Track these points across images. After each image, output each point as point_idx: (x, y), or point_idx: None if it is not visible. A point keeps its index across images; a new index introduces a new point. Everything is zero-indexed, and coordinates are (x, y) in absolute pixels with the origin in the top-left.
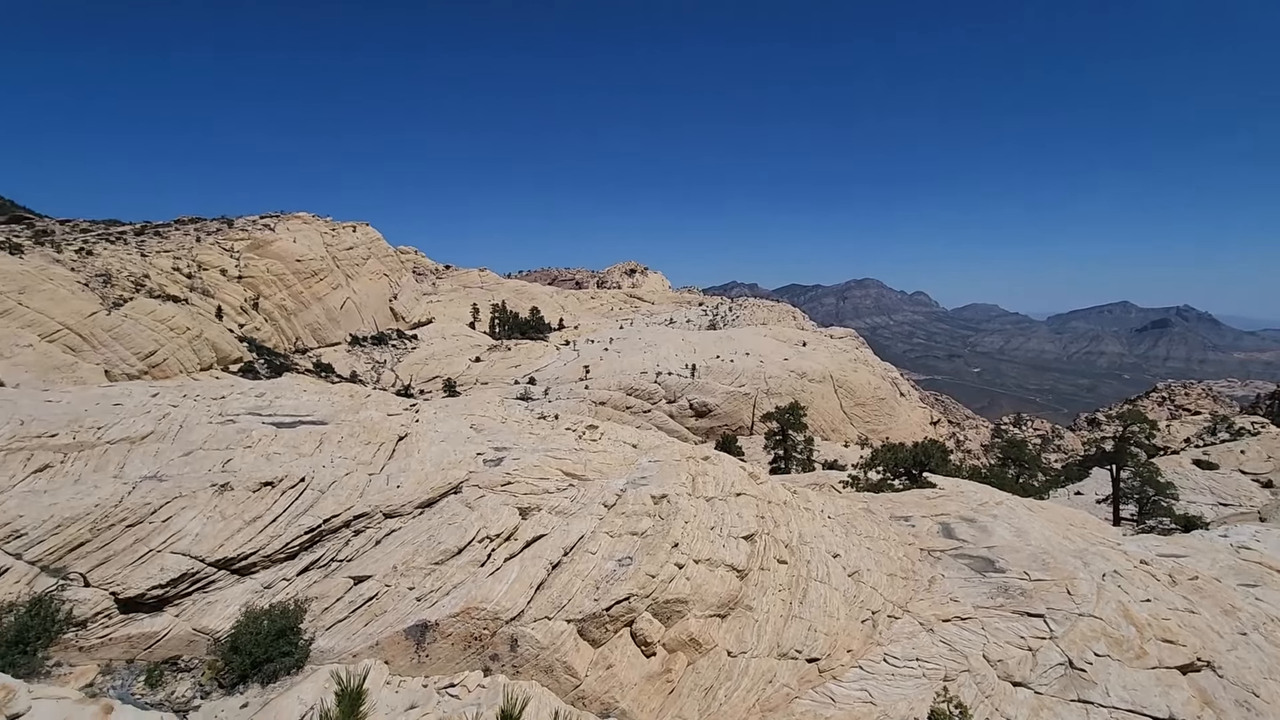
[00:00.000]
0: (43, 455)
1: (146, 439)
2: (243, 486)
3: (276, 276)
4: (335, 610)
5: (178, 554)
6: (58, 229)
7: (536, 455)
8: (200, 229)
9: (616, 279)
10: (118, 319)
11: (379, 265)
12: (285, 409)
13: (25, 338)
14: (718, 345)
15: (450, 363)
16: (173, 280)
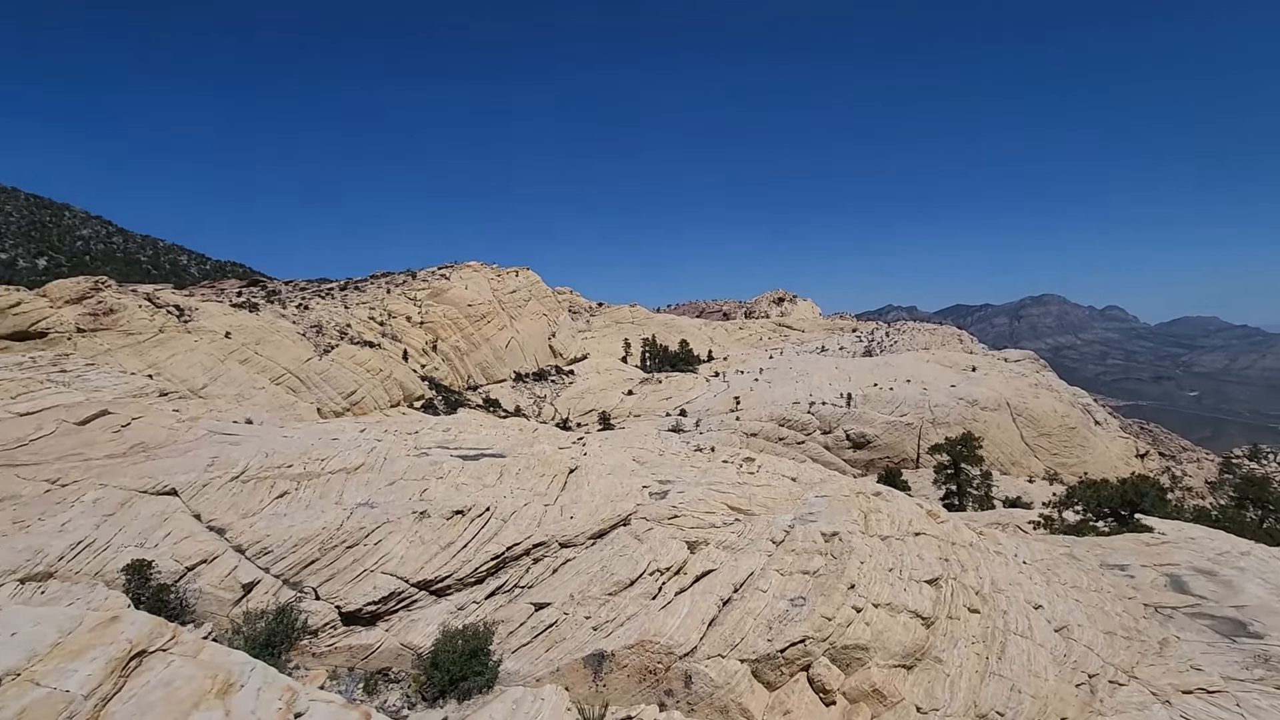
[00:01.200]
0: (282, 483)
1: (359, 470)
2: (438, 514)
3: (451, 321)
4: (519, 635)
5: (387, 574)
6: (283, 289)
7: (700, 489)
8: (390, 281)
9: (764, 308)
10: (327, 363)
11: (539, 306)
12: (468, 443)
13: (260, 381)
14: (875, 373)
15: (604, 396)
16: (369, 328)
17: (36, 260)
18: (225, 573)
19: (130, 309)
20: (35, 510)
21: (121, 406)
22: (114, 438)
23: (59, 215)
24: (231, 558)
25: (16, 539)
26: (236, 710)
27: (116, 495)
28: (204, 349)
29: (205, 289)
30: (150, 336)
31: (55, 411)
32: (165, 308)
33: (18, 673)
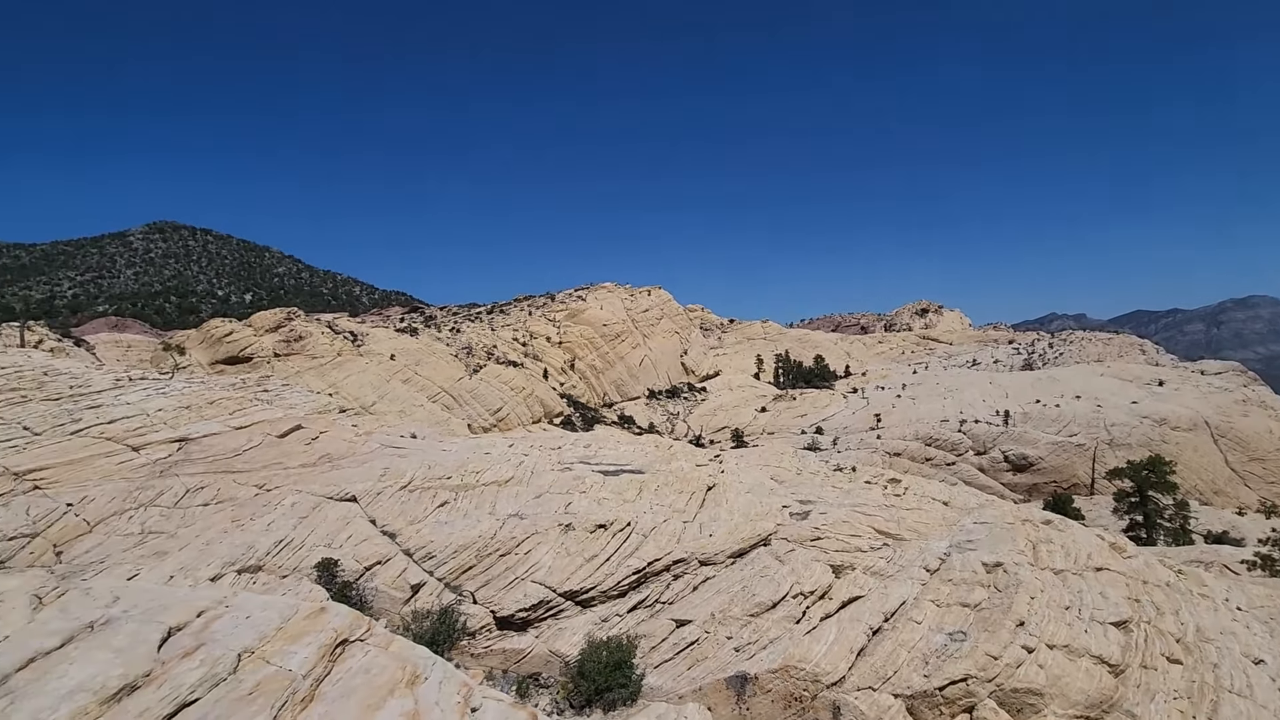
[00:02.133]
0: (443, 493)
1: (509, 482)
2: (582, 527)
3: (588, 340)
4: (661, 650)
5: (536, 583)
6: (438, 314)
7: (843, 510)
8: (531, 304)
9: (906, 320)
10: (476, 382)
11: (671, 324)
12: (608, 458)
13: (419, 399)
14: (1037, 388)
15: (737, 413)
16: (512, 348)
17: (245, 295)
18: (396, 574)
19: (315, 335)
20: (248, 511)
21: (311, 422)
22: (306, 449)
23: (261, 256)
24: (401, 560)
25: (235, 535)
26: (423, 700)
27: (309, 500)
28: (373, 370)
29: (374, 316)
30: (330, 360)
31: (261, 426)
32: (342, 334)
33: (253, 651)
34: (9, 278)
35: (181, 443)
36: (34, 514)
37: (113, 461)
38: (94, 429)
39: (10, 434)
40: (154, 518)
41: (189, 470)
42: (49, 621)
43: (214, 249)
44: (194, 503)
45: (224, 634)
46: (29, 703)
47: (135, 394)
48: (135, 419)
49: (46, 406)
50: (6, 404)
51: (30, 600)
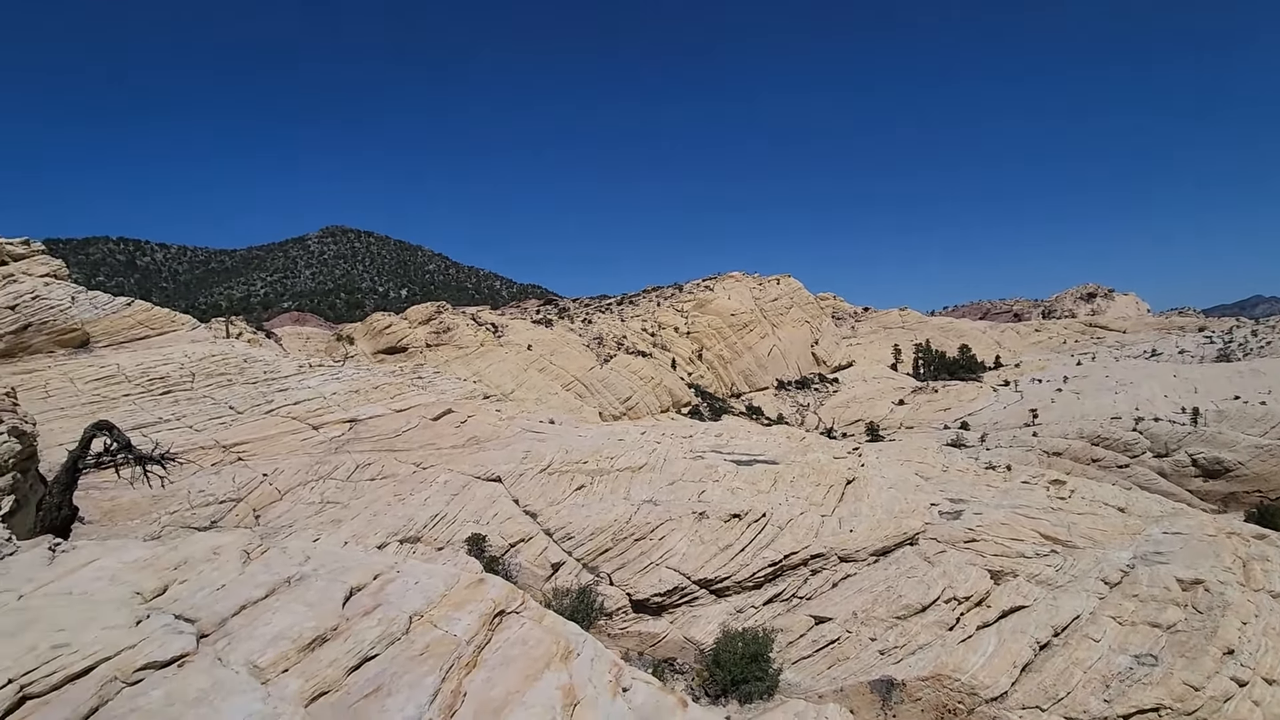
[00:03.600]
0: (580, 477)
1: (643, 469)
2: (715, 516)
3: (715, 330)
4: (799, 646)
5: (671, 569)
6: (571, 305)
7: (1001, 512)
8: (659, 295)
9: (1069, 306)
10: (606, 371)
11: (800, 313)
12: (740, 448)
13: (554, 387)
14: (1236, 382)
15: (872, 406)
16: (641, 338)
17: (401, 291)
18: (538, 552)
19: (461, 327)
20: (407, 487)
21: (460, 407)
22: (456, 432)
23: (414, 254)
24: (542, 540)
25: (397, 509)
26: (577, 675)
27: (459, 479)
28: (512, 359)
29: (512, 308)
30: (474, 349)
31: (418, 410)
32: (485, 325)
33: (421, 614)
34: (216, 280)
35: (352, 423)
36: (238, 481)
37: (298, 438)
38: (282, 409)
39: (220, 412)
40: (331, 489)
41: (358, 448)
42: (256, 575)
43: (375, 249)
44: (363, 477)
45: (396, 597)
46: (242, 645)
47: (314, 379)
48: (314, 401)
49: (246, 389)
50: (217, 386)
51: (241, 555)
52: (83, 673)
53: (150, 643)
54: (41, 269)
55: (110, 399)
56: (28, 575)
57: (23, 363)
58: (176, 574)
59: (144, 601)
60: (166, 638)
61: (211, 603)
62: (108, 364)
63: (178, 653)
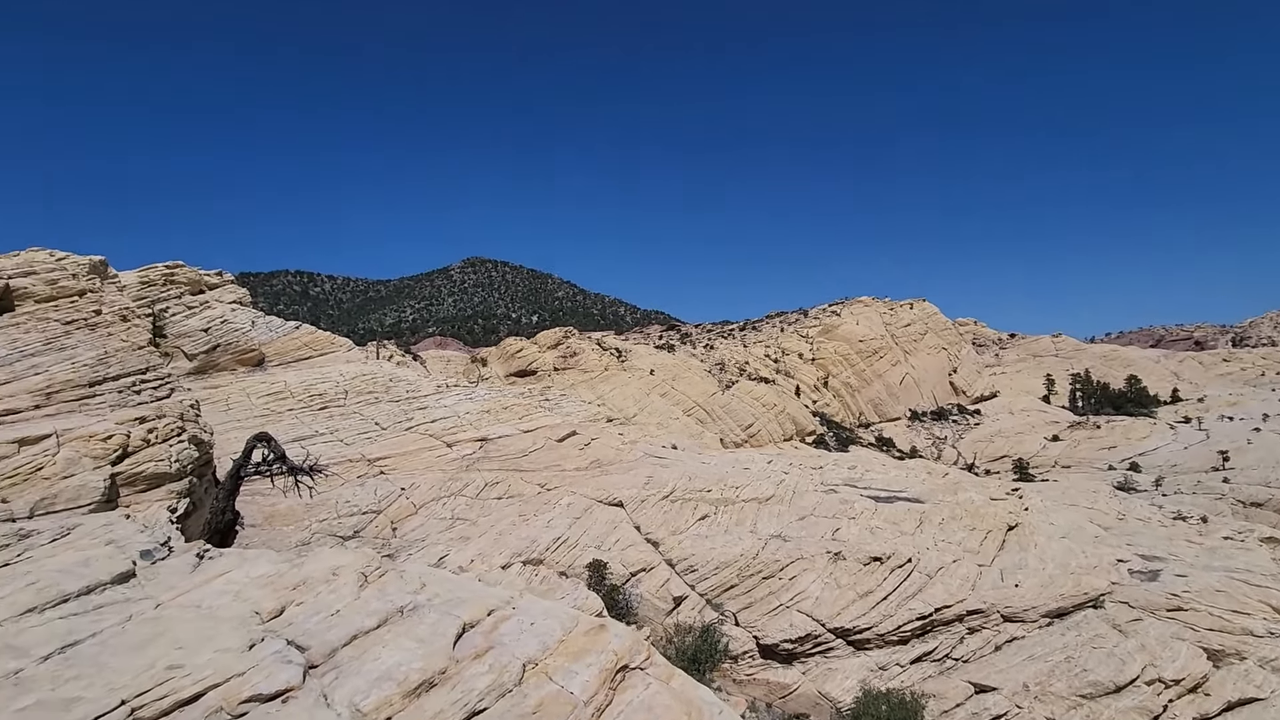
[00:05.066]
0: (703, 506)
1: (769, 501)
2: (853, 557)
3: (842, 357)
4: (956, 717)
5: (803, 614)
6: (693, 331)
7: (1214, 576)
8: (783, 320)
9: (1267, 333)
10: (728, 397)
11: (936, 339)
12: (876, 483)
13: (675, 412)
14: None
15: (1020, 441)
16: (764, 365)
17: (532, 317)
18: (660, 583)
19: (586, 352)
20: (532, 507)
21: (584, 429)
22: (579, 454)
23: (545, 282)
24: (664, 570)
25: (521, 529)
26: None
27: (581, 502)
28: (634, 384)
29: (635, 334)
30: (599, 373)
31: (544, 431)
32: (609, 350)
33: (536, 662)
34: (373, 307)
35: (482, 442)
36: (379, 494)
37: (433, 455)
38: (421, 426)
39: (367, 427)
40: (461, 506)
41: (487, 466)
42: (370, 601)
43: (510, 278)
44: (490, 495)
45: (510, 639)
46: (348, 682)
47: (451, 399)
48: (450, 420)
49: (391, 406)
50: (366, 403)
51: (358, 578)
52: (191, 699)
53: (259, 671)
54: (230, 297)
55: (277, 412)
56: (170, 582)
57: (211, 378)
58: (295, 594)
59: (261, 622)
60: (275, 667)
61: (324, 630)
62: (277, 381)
63: (283, 686)
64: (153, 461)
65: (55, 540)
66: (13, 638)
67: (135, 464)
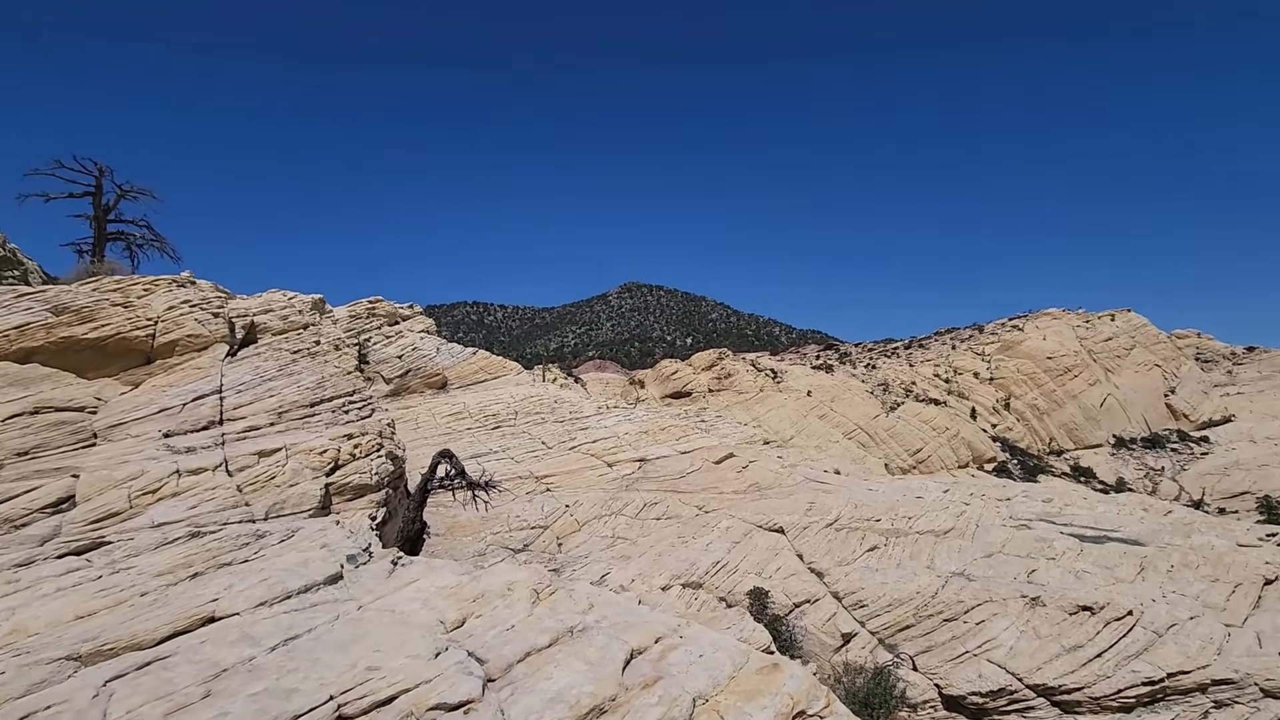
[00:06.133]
0: (871, 536)
1: (948, 534)
2: (1055, 604)
3: (1026, 376)
4: None
5: (994, 664)
6: (852, 350)
7: None
8: (954, 337)
9: None
10: (893, 420)
11: (1146, 355)
12: (1080, 519)
13: (834, 435)
14: None
15: (1268, 475)
16: (933, 385)
17: (686, 339)
18: (825, 617)
19: (741, 373)
20: (690, 529)
21: (741, 451)
22: (737, 477)
23: (698, 304)
24: (830, 604)
25: (680, 550)
26: None
27: (740, 526)
28: (791, 405)
29: (791, 354)
30: (753, 395)
31: (701, 452)
32: (764, 371)
33: (706, 698)
34: (539, 333)
35: (641, 462)
36: (546, 510)
37: (595, 474)
38: (583, 446)
39: (534, 446)
40: (621, 525)
41: (646, 486)
42: (542, 619)
43: (665, 302)
44: (649, 515)
45: (679, 670)
46: (523, 699)
47: (610, 420)
48: (610, 440)
49: (556, 427)
50: (533, 423)
51: (531, 594)
52: (386, 701)
53: (444, 680)
54: (419, 326)
55: (457, 431)
56: (370, 586)
57: (403, 399)
58: (474, 606)
59: (445, 632)
60: (458, 677)
61: (500, 644)
62: (458, 402)
63: (465, 697)
64: (358, 474)
65: (283, 541)
66: (249, 627)
67: (344, 475)
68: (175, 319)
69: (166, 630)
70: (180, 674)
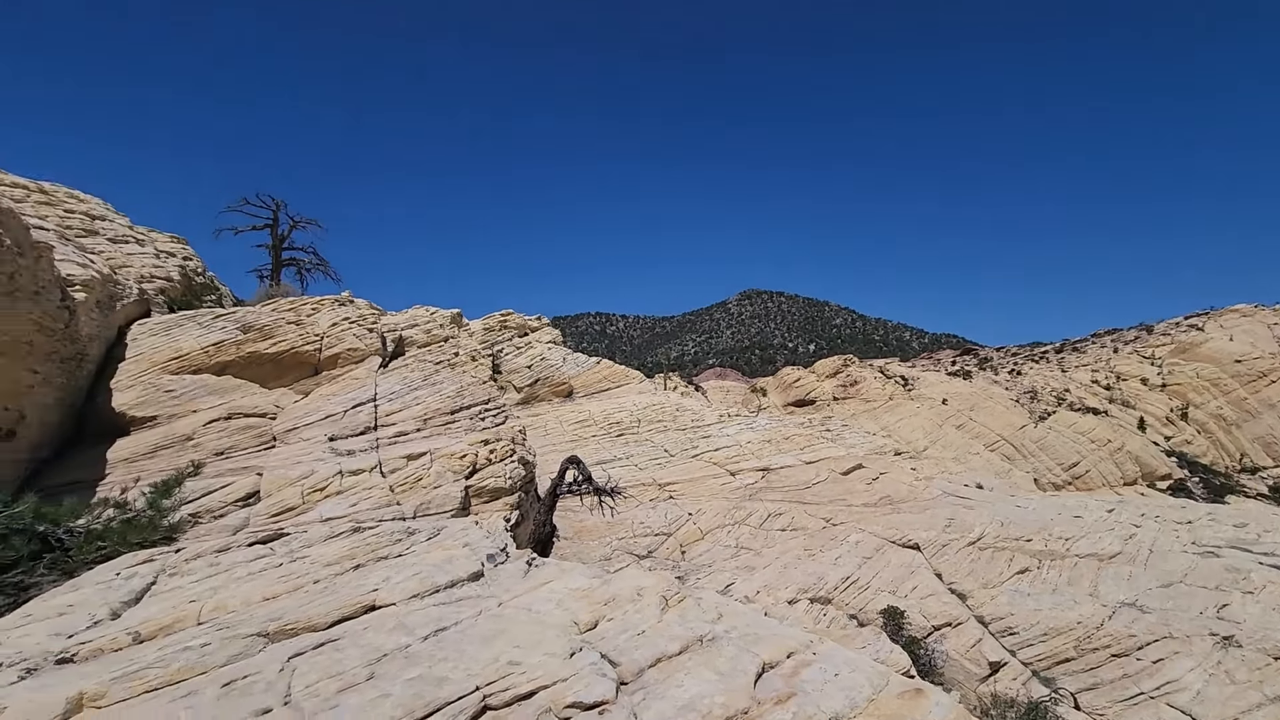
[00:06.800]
0: (1021, 558)
1: (1114, 559)
2: (1254, 646)
3: (1209, 381)
4: None
5: (1177, 709)
6: (994, 355)
7: None
8: (1117, 339)
9: None
10: (1043, 431)
11: None
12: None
13: (974, 447)
14: None
15: None
16: (1090, 393)
17: (809, 346)
18: (970, 643)
19: (868, 380)
20: (817, 542)
21: (870, 462)
22: (867, 489)
23: (821, 310)
24: (974, 629)
25: (807, 564)
26: None
27: (871, 541)
28: (924, 414)
29: (924, 360)
30: (882, 403)
31: (827, 463)
32: (893, 378)
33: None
34: (659, 342)
35: (764, 471)
36: (669, 518)
37: (717, 482)
38: (705, 454)
39: (657, 454)
40: (744, 535)
41: (770, 497)
42: (671, 625)
43: (785, 308)
44: (774, 526)
45: (813, 687)
46: (655, 705)
47: (732, 428)
48: (732, 449)
49: (678, 434)
50: (656, 431)
51: (660, 600)
52: (527, 695)
53: (579, 680)
54: (547, 337)
55: (583, 438)
56: (507, 585)
57: (532, 408)
58: (605, 610)
59: (578, 633)
60: (593, 678)
61: (631, 649)
62: (583, 410)
63: (599, 698)
64: (493, 477)
65: (430, 539)
66: (404, 617)
67: (481, 479)
68: (337, 334)
69: (335, 615)
70: (348, 655)
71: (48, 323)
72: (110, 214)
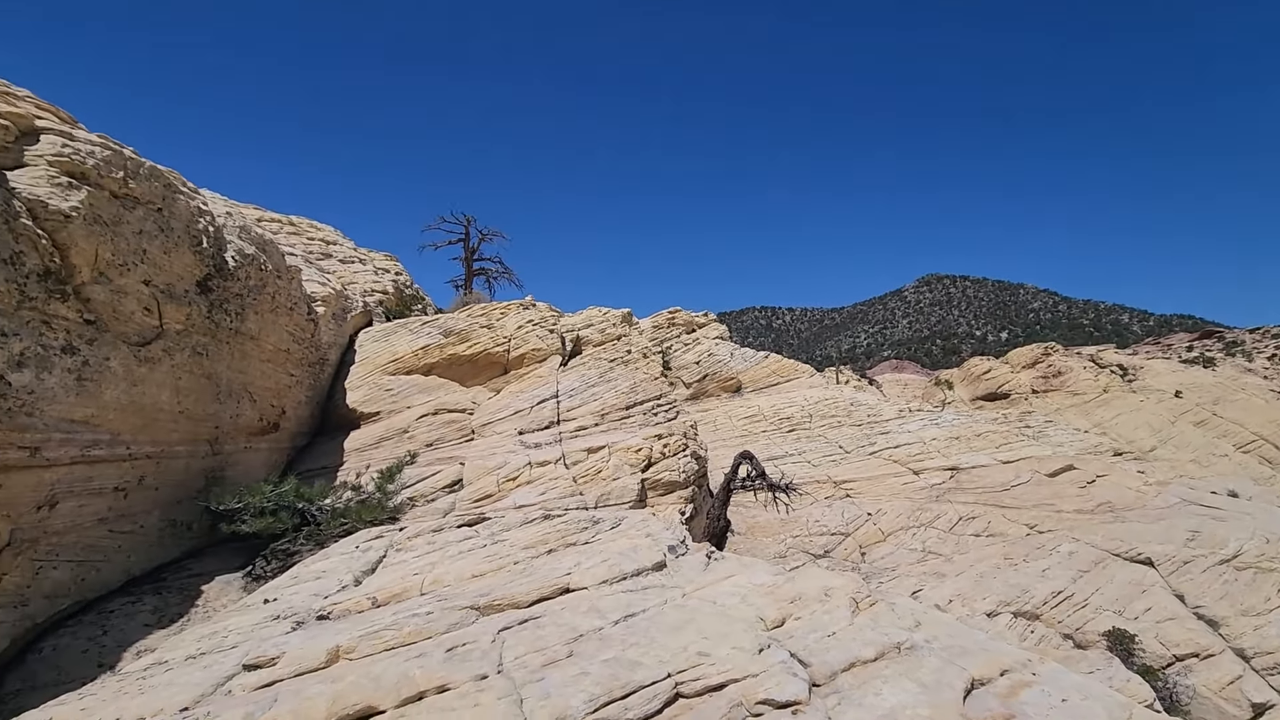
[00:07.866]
0: None
1: None
2: None
3: None
4: None
5: None
6: (1246, 338)
7: None
8: None
9: None
10: None
11: None
12: None
13: (1221, 447)
14: None
15: None
16: None
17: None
18: (1226, 680)
19: (1075, 370)
20: (1019, 550)
21: (1083, 463)
22: (1080, 493)
23: (1015, 294)
24: (1232, 662)
25: (1008, 574)
26: None
27: (1088, 553)
28: (1149, 409)
29: (1149, 346)
30: (1094, 396)
31: (1029, 462)
32: (1108, 368)
33: None
34: (828, 334)
35: (952, 471)
36: (846, 517)
37: (899, 481)
38: (884, 452)
39: (831, 450)
40: (932, 539)
41: (959, 498)
42: (863, 629)
43: (971, 293)
44: (966, 531)
45: (1034, 711)
46: (850, 710)
47: (914, 424)
48: (914, 446)
49: (852, 430)
50: (829, 427)
51: (849, 603)
52: (716, 687)
53: (769, 677)
54: (714, 333)
55: (753, 433)
56: (690, 576)
57: (700, 403)
58: (792, 608)
59: (765, 629)
60: (783, 676)
61: (822, 650)
62: (752, 405)
63: (792, 697)
64: (667, 471)
65: (613, 528)
66: (596, 601)
67: (656, 472)
68: (523, 336)
69: (535, 595)
70: (549, 633)
71: (299, 333)
72: (340, 239)
